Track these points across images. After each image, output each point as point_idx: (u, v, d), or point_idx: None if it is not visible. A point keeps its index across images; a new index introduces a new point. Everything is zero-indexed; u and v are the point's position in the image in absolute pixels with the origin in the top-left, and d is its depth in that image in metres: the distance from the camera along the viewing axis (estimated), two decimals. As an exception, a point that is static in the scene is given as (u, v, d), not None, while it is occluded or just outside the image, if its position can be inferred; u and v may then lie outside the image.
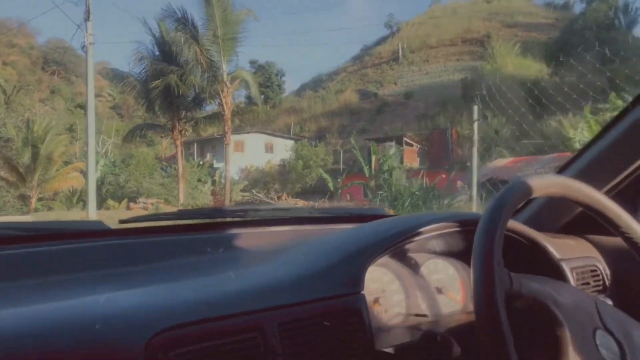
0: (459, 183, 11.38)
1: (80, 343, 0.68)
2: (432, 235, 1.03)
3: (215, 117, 15.96)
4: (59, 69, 43.47)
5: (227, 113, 14.73)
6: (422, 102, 27.28)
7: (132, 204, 16.47)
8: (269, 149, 25.65)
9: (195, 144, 24.91)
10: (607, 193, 1.17)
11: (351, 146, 16.25)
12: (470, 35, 33.55)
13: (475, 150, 7.24)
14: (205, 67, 14.28)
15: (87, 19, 9.09)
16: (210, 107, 17.81)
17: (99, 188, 17.54)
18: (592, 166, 1.21)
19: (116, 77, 18.16)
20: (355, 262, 0.93)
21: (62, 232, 1.14)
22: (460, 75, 27.98)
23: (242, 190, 18.00)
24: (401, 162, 16.38)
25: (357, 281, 0.90)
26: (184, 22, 14.28)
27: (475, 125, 7.30)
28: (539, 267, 1.03)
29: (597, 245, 1.22)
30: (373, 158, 13.64)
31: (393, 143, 18.78)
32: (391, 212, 1.64)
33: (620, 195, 1.15)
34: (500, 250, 0.75)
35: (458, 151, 17.81)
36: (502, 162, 11.79)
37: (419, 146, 20.58)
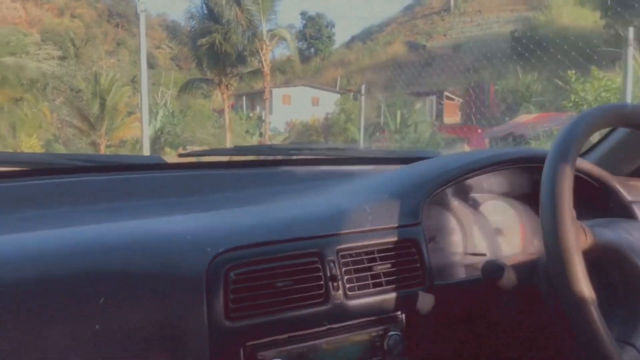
0: (485, 137, 11.94)
1: (146, 259, 0.71)
2: (492, 172, 1.00)
3: (259, 73, 17.15)
4: (122, 21, 45.44)
5: (267, 69, 15.91)
6: (470, 55, 26.90)
7: (180, 149, 18.13)
8: (316, 102, 26.51)
9: (244, 97, 26.19)
10: None
11: (399, 100, 16.92)
12: (528, -17, 32.05)
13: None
14: (245, 26, 15.37)
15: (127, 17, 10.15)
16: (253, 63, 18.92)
17: (158, 137, 19.36)
18: None
19: (172, 32, 19.48)
20: (413, 195, 0.93)
21: (122, 164, 1.16)
22: (513, 27, 27.19)
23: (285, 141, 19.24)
24: (439, 116, 16.90)
25: (416, 213, 0.90)
26: None
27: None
28: (608, 209, 1.02)
29: None
30: (398, 113, 14.35)
31: (434, 97, 19.18)
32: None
33: None
34: (571, 195, 0.71)
35: (495, 107, 18.00)
36: (525, 117, 12.14)
37: (460, 100, 20.79)
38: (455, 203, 1.07)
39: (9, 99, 18.07)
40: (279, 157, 1.42)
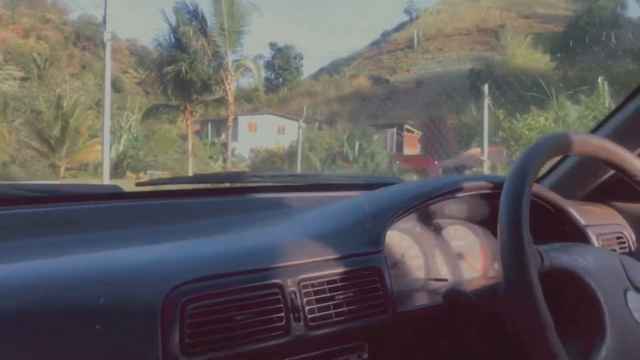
0: (439, 168, 12.50)
1: (99, 294, 0.69)
2: (452, 198, 1.01)
3: (223, 101, 17.64)
4: (90, 44, 45.18)
5: (230, 98, 16.45)
6: (431, 90, 28.06)
7: (141, 174, 18.07)
8: (281, 130, 26.91)
9: (209, 124, 26.40)
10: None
11: (358, 131, 17.52)
12: (486, 25, 33.93)
13: (485, 126, 7.02)
14: (210, 57, 15.91)
15: (104, 21, 10.45)
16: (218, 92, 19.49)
17: (120, 160, 19.25)
18: (624, 128, 1.17)
19: (140, 57, 19.83)
20: (375, 222, 0.92)
21: (78, 194, 1.14)
22: (471, 65, 28.61)
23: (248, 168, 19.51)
24: (399, 148, 17.54)
25: (378, 240, 0.90)
26: (194, 14, 15.98)
27: (485, 102, 7.05)
28: (563, 234, 1.04)
29: (622, 212, 1.21)
30: (357, 143, 14.89)
31: (394, 129, 19.87)
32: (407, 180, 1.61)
33: None
34: (528, 219, 0.73)
35: (451, 140, 18.81)
36: (475, 151, 12.84)
37: (419, 133, 21.59)
38: (418, 229, 1.08)
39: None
40: (240, 185, 1.40)
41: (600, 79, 11.21)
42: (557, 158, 1.29)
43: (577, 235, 1.04)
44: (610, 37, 20.92)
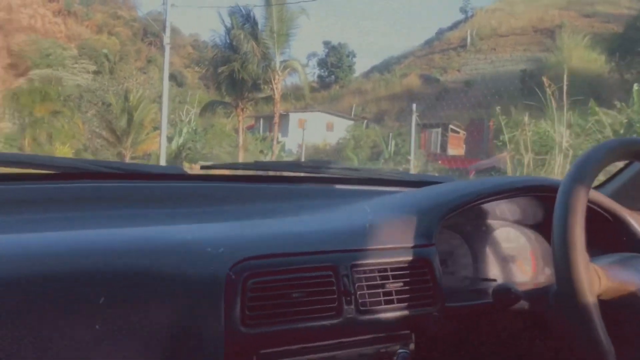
0: (472, 169, 12.90)
1: (165, 265, 0.72)
2: (505, 199, 1.02)
3: (271, 99, 18.94)
4: (156, 40, 47.65)
5: (277, 96, 17.81)
6: (480, 91, 27.94)
7: (192, 166, 19.49)
8: (330, 127, 27.76)
9: (261, 120, 27.71)
10: None
11: (403, 130, 18.14)
12: (543, 25, 33.13)
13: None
14: (259, 58, 17.44)
15: (164, 27, 11.69)
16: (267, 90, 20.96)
17: (179, 152, 20.79)
18: None
19: (201, 53, 21.61)
20: (428, 217, 0.94)
21: (145, 172, 1.20)
22: (524, 66, 28.21)
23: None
24: (443, 148, 17.96)
25: (430, 234, 0.91)
26: (247, 18, 17.66)
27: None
28: (621, 244, 1.02)
29: None
30: (392, 143, 15.49)
31: (440, 129, 20.23)
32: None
33: None
34: (583, 233, 0.71)
35: (494, 141, 18.95)
36: (507, 154, 13.04)
37: (465, 133, 21.78)
38: (468, 228, 1.09)
39: (49, 112, 19.77)
40: (297, 174, 1.43)
41: (635, 86, 11.24)
42: (620, 165, 1.27)
43: (635, 246, 1.02)
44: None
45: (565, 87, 11.86)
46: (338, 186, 1.34)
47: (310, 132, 27.96)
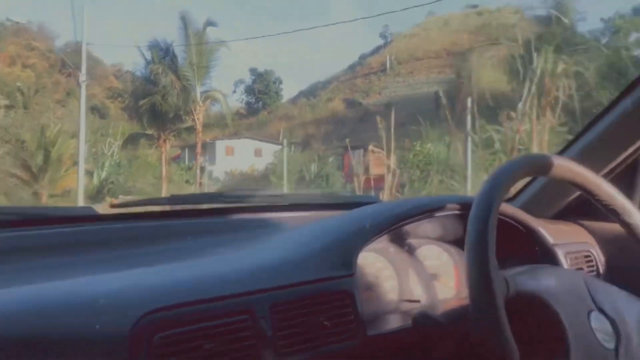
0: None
1: (64, 325, 0.67)
2: (426, 219, 1.03)
3: (193, 129, 19.23)
4: (76, 71, 45.86)
5: (199, 127, 18.36)
6: (399, 113, 29.39)
7: (112, 200, 19.04)
8: (258, 153, 28.07)
9: (187, 149, 27.58)
10: (604, 177, 1.12)
11: (330, 153, 18.74)
12: (456, 49, 35.49)
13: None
14: (179, 91, 17.96)
15: (79, 67, 11.57)
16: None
17: (102, 187, 20.18)
18: (589, 149, 1.23)
19: (122, 85, 21.55)
20: (347, 245, 0.93)
21: (51, 216, 1.11)
22: (438, 88, 30.04)
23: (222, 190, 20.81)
24: (365, 168, 18.69)
25: (350, 264, 0.90)
26: (167, 51, 17.73)
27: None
28: (533, 252, 1.08)
29: (590, 231, 1.24)
30: (313, 165, 16.06)
31: (361, 150, 21.10)
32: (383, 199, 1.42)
33: (615, 180, 1.14)
34: (494, 244, 0.74)
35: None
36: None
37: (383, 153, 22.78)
38: (392, 249, 1.09)
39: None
40: (216, 206, 1.36)
41: (520, 105, 12.47)
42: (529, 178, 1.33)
43: (546, 254, 1.08)
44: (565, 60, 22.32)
45: (470, 107, 12.94)
46: (261, 215, 1.29)
47: (239, 159, 28.12)
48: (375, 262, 1.05)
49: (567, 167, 0.88)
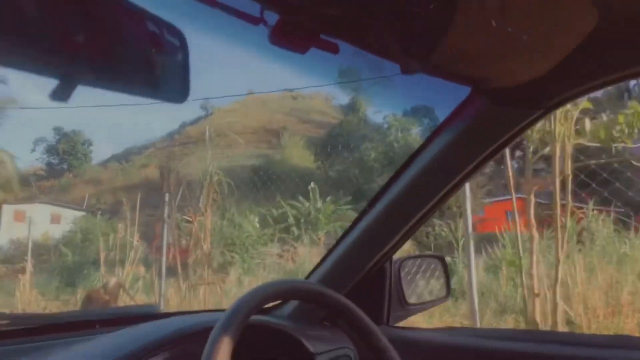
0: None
1: None
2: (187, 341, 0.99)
3: None
4: None
5: None
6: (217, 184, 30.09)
7: None
8: (56, 220, 25.53)
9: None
10: (350, 290, 1.30)
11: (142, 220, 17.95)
12: (271, 127, 38.30)
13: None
14: None
15: None
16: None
17: None
18: (335, 269, 1.34)
19: None
20: None
21: None
22: (255, 162, 31.79)
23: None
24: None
25: None
26: None
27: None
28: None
29: (349, 333, 1.28)
30: (111, 236, 15.56)
31: (170, 220, 20.83)
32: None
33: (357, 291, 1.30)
34: None
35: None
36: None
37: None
38: None
39: None
40: None
41: (312, 184, 14.19)
42: None
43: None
44: (355, 147, 25.76)
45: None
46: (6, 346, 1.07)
47: (33, 226, 25.06)
48: None
49: (309, 290, 0.96)
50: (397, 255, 1.43)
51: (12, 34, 0.46)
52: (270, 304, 1.23)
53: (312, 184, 13.87)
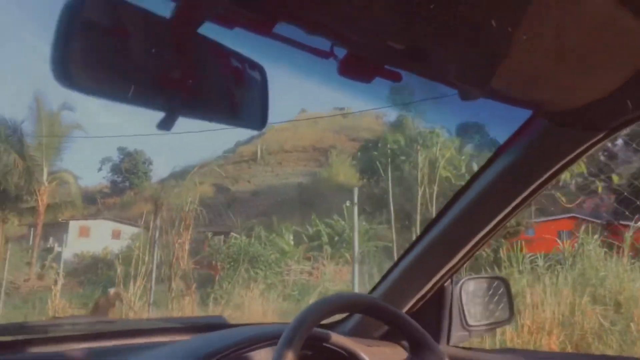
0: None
1: None
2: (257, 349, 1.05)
3: (35, 210, 18.49)
4: None
5: (42, 208, 17.71)
6: (266, 201, 30.58)
7: None
8: (117, 235, 26.67)
9: (32, 229, 25.54)
10: (411, 308, 1.34)
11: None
12: (320, 145, 38.64)
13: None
14: (22, 170, 17.51)
15: None
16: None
17: None
18: (397, 286, 1.37)
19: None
20: None
21: None
22: (304, 180, 32.15)
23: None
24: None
25: None
26: (14, 130, 17.31)
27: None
28: None
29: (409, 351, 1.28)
30: (157, 253, 16.10)
31: (222, 237, 21.44)
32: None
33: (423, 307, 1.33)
34: None
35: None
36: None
37: (249, 240, 23.31)
38: None
39: None
40: (32, 337, 1.16)
41: (347, 202, 14.15)
42: None
43: None
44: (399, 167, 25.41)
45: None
46: (85, 345, 1.12)
47: (95, 241, 26.34)
48: None
49: (369, 304, 0.99)
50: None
51: (130, 78, 0.55)
52: (333, 319, 1.26)
53: (348, 202, 13.83)
